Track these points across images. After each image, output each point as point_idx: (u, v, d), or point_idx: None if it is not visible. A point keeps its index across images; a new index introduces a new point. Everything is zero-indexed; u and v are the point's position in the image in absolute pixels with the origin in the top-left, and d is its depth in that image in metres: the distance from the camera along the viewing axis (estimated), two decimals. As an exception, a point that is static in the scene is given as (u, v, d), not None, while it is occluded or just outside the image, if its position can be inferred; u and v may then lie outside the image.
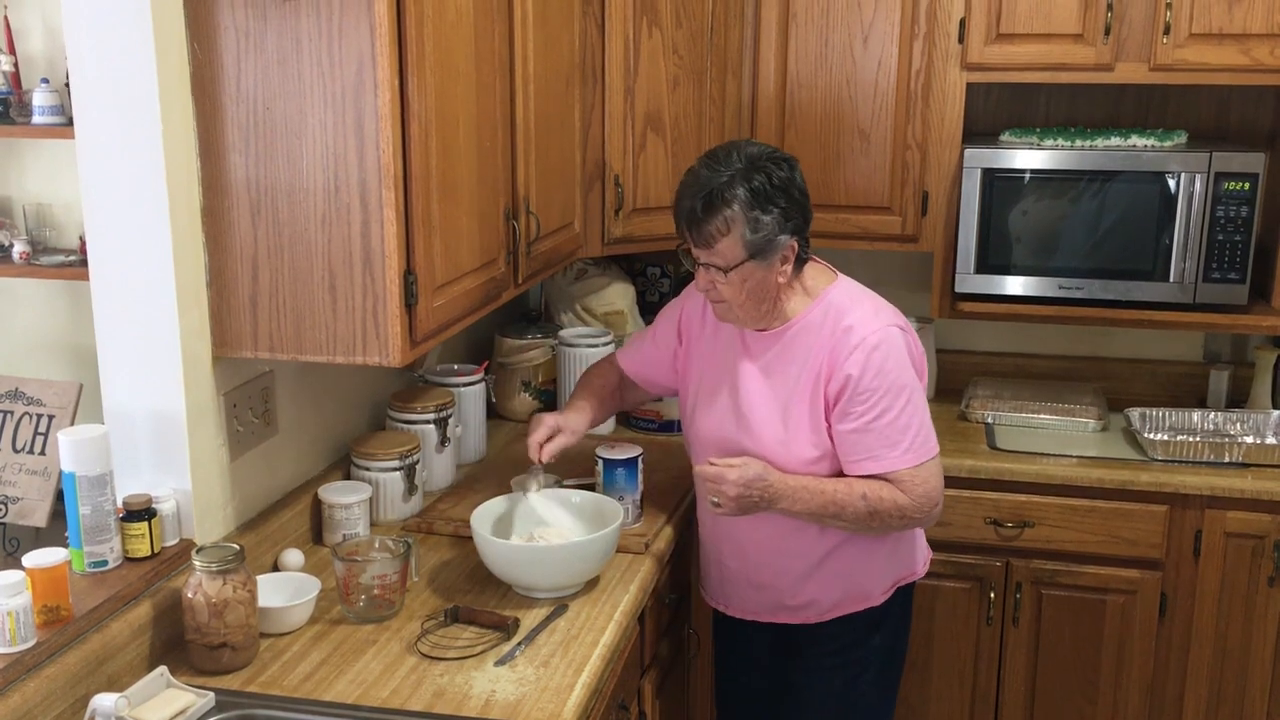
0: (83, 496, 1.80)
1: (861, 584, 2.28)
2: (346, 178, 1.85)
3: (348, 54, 1.80)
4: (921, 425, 2.15)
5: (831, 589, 2.27)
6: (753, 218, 2.03)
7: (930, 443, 2.16)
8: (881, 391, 2.09)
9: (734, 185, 2.03)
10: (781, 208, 2.05)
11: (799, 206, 2.09)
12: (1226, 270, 2.88)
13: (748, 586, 2.35)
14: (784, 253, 2.09)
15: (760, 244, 2.05)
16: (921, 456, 2.14)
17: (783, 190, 2.06)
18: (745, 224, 2.04)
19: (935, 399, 3.32)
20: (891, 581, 2.31)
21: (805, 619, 2.31)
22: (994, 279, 3.01)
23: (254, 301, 1.94)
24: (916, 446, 2.13)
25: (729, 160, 2.07)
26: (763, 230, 2.04)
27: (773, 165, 2.07)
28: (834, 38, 3.00)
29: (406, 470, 2.41)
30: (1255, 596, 2.81)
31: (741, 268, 2.07)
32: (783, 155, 2.12)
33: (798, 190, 2.10)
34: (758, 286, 2.10)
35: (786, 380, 2.17)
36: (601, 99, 2.78)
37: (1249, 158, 2.84)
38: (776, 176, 2.06)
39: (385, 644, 1.93)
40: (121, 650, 1.78)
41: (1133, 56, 2.86)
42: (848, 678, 2.34)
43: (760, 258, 2.06)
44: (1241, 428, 3.05)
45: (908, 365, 2.14)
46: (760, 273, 2.08)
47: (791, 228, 2.08)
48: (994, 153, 2.96)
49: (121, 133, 1.84)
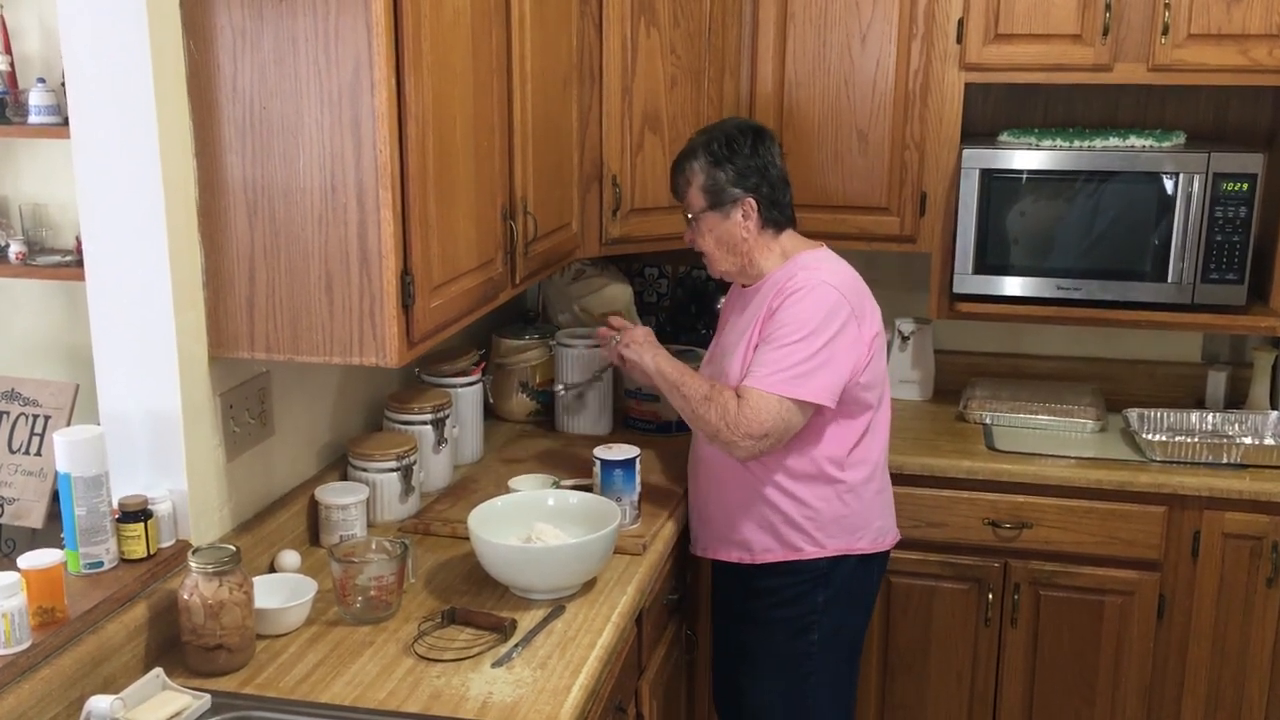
0: (78, 497, 1.79)
1: (788, 535, 2.40)
2: (343, 178, 1.85)
3: (345, 53, 1.80)
4: (799, 364, 2.26)
5: (761, 531, 2.42)
6: (709, 171, 2.39)
7: (797, 387, 2.26)
8: (784, 323, 2.30)
9: (699, 146, 2.42)
10: (736, 166, 2.37)
11: (756, 170, 2.38)
12: (1225, 271, 2.88)
13: (699, 520, 2.55)
14: (743, 209, 2.38)
15: (715, 194, 2.39)
16: (775, 387, 2.25)
17: (739, 154, 2.38)
18: (703, 176, 2.39)
19: (933, 399, 3.33)
20: (824, 542, 2.40)
21: (742, 558, 2.46)
22: (992, 279, 3.01)
23: (250, 302, 1.93)
24: (779, 379, 2.26)
25: (707, 130, 2.48)
26: (717, 183, 2.38)
27: (738, 134, 2.41)
28: (832, 38, 3.00)
29: (403, 471, 2.41)
30: (1253, 597, 2.81)
31: (704, 217, 2.41)
32: (754, 127, 2.45)
33: (758, 159, 2.38)
34: (724, 236, 2.41)
35: (746, 326, 2.40)
36: (599, 99, 2.78)
37: (1247, 158, 2.84)
38: (736, 143, 2.39)
39: (382, 645, 1.93)
40: (117, 652, 1.77)
41: (1131, 57, 2.86)
42: (792, 632, 2.45)
43: (717, 208, 2.39)
44: (1240, 428, 3.04)
45: (825, 314, 2.28)
46: (721, 224, 2.40)
47: (749, 186, 2.37)
48: (992, 153, 2.96)
49: (117, 132, 1.83)
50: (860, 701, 3.03)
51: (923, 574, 2.95)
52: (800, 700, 2.48)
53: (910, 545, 2.90)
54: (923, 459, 2.90)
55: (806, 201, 3.07)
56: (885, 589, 2.96)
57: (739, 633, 2.56)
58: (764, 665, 2.51)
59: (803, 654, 2.46)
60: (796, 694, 2.48)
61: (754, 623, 2.51)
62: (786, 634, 2.46)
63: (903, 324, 3.32)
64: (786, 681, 2.48)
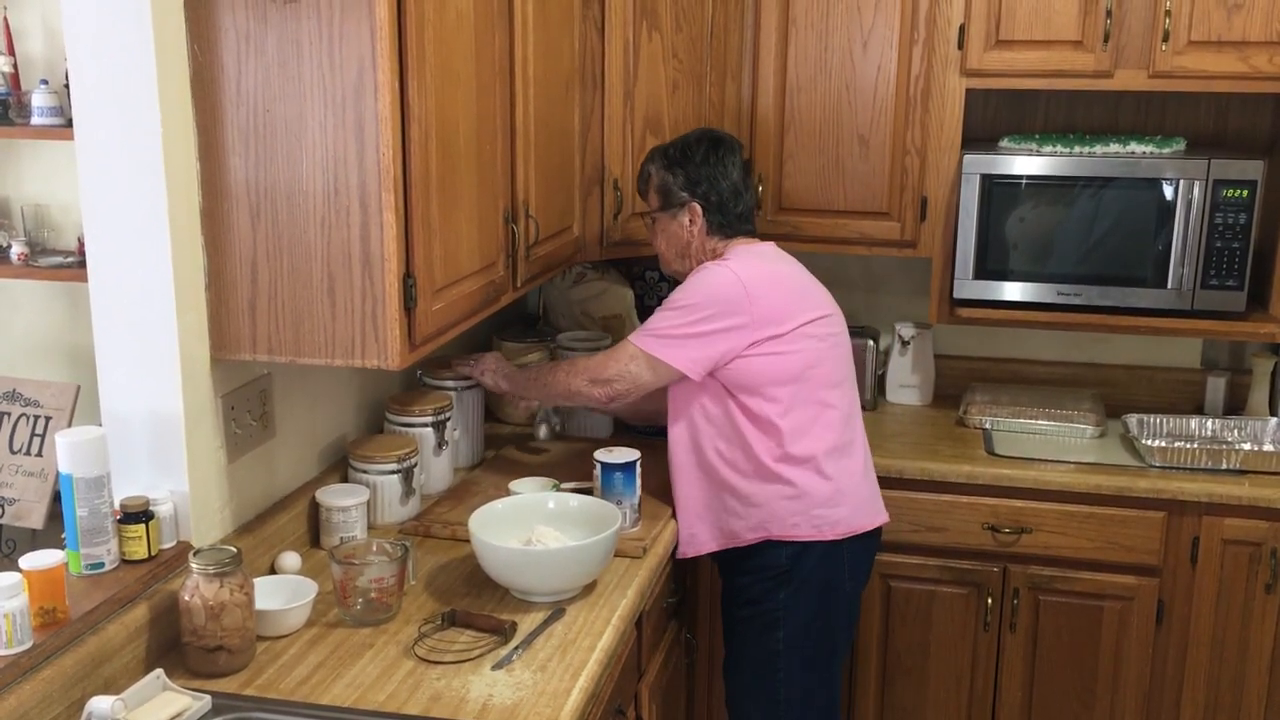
0: (80, 498, 1.79)
1: (726, 522, 2.45)
2: (346, 180, 1.85)
3: (348, 57, 1.80)
4: (670, 329, 2.36)
5: (703, 519, 2.48)
6: (661, 175, 2.52)
7: (659, 348, 2.37)
8: (675, 297, 2.41)
9: (658, 152, 2.56)
10: (686, 172, 2.49)
11: (706, 179, 2.48)
12: (1224, 277, 2.88)
13: None
14: (689, 213, 2.49)
15: (666, 195, 2.52)
16: (637, 340, 2.40)
17: (691, 161, 2.49)
18: (657, 178, 2.53)
19: (933, 404, 3.33)
20: (759, 527, 2.42)
21: (692, 550, 2.50)
22: (992, 285, 3.01)
23: (253, 304, 1.93)
24: (644, 335, 2.39)
25: (679, 138, 2.58)
26: (668, 185, 2.51)
27: (695, 143, 2.52)
28: (833, 42, 3.00)
29: (404, 473, 2.41)
30: (1252, 603, 2.81)
31: (658, 217, 2.55)
32: (714, 136, 2.54)
33: (710, 168, 2.48)
34: (672, 238, 2.53)
35: None
36: (601, 103, 2.78)
37: (1247, 165, 2.84)
38: (691, 150, 2.50)
39: (382, 647, 1.93)
40: (118, 653, 1.78)
41: (1132, 63, 2.86)
42: (759, 629, 2.47)
43: (667, 209, 2.52)
44: (1239, 434, 3.05)
45: (705, 285, 2.38)
46: (670, 224, 2.52)
47: (698, 193, 2.48)
48: (993, 158, 2.96)
49: (121, 134, 1.84)
50: (859, 705, 3.04)
51: (922, 578, 2.95)
52: (771, 699, 2.49)
53: (910, 550, 2.91)
54: (922, 463, 2.90)
55: (807, 206, 3.09)
56: (884, 593, 2.97)
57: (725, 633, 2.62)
58: (734, 659, 2.57)
59: (771, 650, 2.46)
60: (767, 691, 2.49)
61: (728, 622, 2.58)
62: (756, 629, 2.48)
63: (903, 329, 3.33)
64: (757, 679, 2.51)
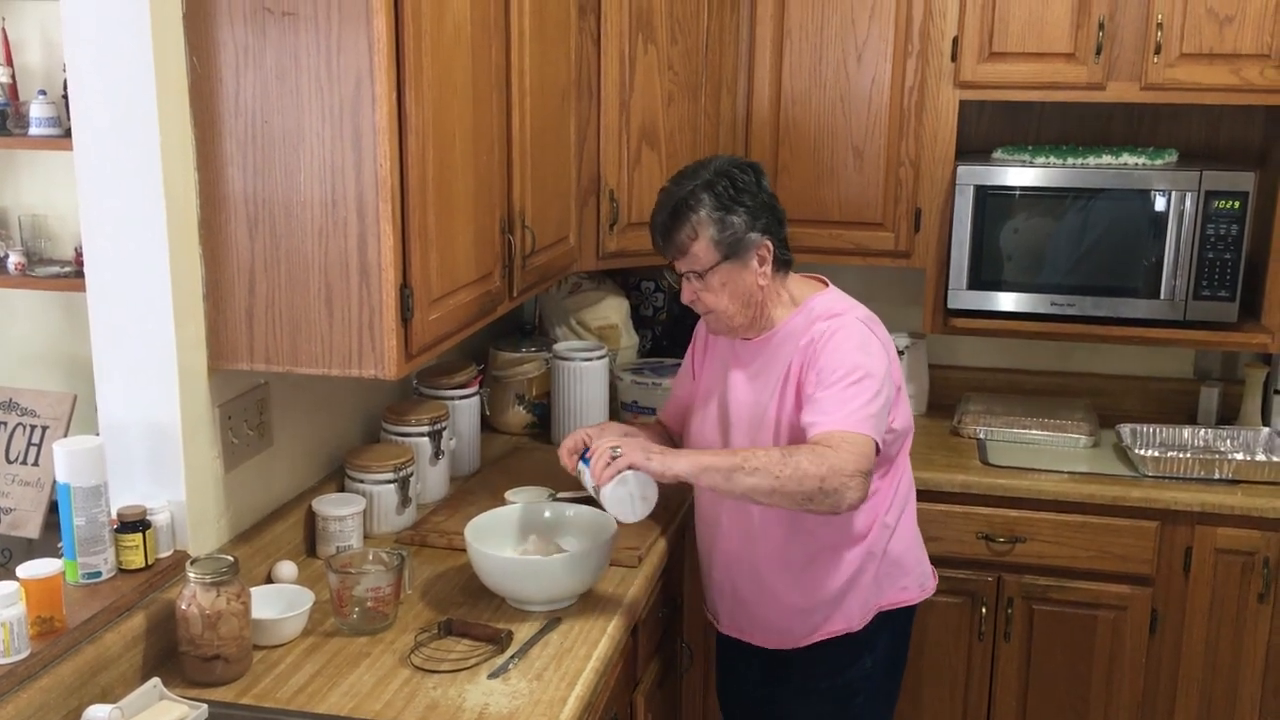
0: (77, 508, 1.80)
1: (840, 608, 2.24)
2: (344, 191, 1.86)
3: (346, 69, 1.82)
4: (866, 405, 2.03)
5: (810, 611, 2.25)
6: (719, 219, 2.10)
7: (868, 424, 2.02)
8: (832, 368, 2.06)
9: (698, 193, 2.11)
10: (747, 207, 2.11)
11: (766, 208, 2.14)
12: (1216, 288, 2.90)
13: (734, 601, 2.36)
14: (759, 252, 2.13)
15: (731, 243, 2.10)
16: (858, 426, 2.01)
17: (747, 192, 2.12)
18: (713, 225, 2.10)
19: (927, 414, 3.34)
20: (873, 606, 2.27)
21: (783, 644, 2.30)
22: (986, 295, 3.03)
23: (250, 314, 1.94)
24: (857, 419, 2.02)
25: (695, 174, 2.15)
26: (730, 229, 2.10)
27: (736, 171, 2.14)
28: (828, 54, 3.02)
29: (400, 483, 2.41)
30: (1245, 613, 2.82)
31: (718, 270, 2.12)
32: (748, 163, 2.19)
33: (765, 194, 2.16)
34: (740, 289, 2.14)
35: (769, 384, 2.18)
36: (597, 114, 2.79)
37: (1239, 176, 2.86)
38: (740, 180, 2.12)
39: (379, 657, 1.94)
40: (115, 662, 1.78)
41: (1124, 76, 2.88)
42: (839, 702, 2.31)
43: (734, 258, 2.11)
44: (1232, 444, 3.06)
45: (864, 349, 2.09)
46: (738, 274, 2.13)
47: (761, 227, 2.12)
48: (986, 170, 2.98)
49: (119, 145, 1.85)
50: (854, 715, 3.04)
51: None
52: None
53: (904, 559, 2.92)
54: (917, 473, 2.86)
55: (803, 217, 3.10)
56: (879, 603, 2.97)
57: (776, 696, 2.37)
58: None
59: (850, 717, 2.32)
60: None
61: (795, 691, 2.33)
62: (836, 703, 2.30)
63: (897, 339, 3.34)
64: None
